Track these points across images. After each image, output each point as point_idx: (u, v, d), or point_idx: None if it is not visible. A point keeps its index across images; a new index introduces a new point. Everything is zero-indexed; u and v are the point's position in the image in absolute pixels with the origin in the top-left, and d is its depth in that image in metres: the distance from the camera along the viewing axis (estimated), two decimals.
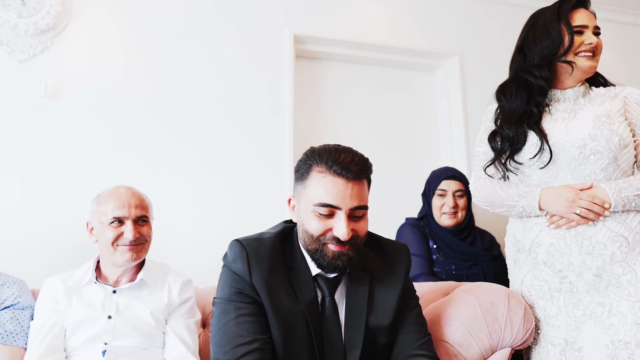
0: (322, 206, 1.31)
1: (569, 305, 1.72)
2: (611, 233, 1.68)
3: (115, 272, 1.78)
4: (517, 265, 1.88)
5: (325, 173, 1.32)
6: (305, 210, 1.35)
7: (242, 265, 1.36)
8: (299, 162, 1.41)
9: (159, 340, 1.75)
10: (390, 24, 3.00)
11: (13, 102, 2.34)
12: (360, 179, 1.34)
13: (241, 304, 1.34)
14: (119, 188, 1.83)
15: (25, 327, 1.72)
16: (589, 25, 1.79)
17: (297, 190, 1.40)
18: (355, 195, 1.32)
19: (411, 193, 2.94)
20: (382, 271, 1.47)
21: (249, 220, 2.51)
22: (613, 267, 1.67)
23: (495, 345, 1.67)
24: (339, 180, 1.31)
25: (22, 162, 2.30)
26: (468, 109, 3.02)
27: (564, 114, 1.80)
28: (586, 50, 1.78)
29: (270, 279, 1.35)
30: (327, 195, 1.31)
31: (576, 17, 1.80)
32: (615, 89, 1.83)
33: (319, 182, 1.32)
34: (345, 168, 1.31)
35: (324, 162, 1.33)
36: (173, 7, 2.64)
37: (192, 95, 2.58)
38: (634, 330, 1.60)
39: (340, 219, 1.31)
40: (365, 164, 1.35)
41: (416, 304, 1.52)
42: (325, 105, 2.97)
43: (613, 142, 1.70)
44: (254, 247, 1.38)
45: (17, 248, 2.22)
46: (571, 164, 1.74)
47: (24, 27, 2.35)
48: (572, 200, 1.68)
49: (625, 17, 3.50)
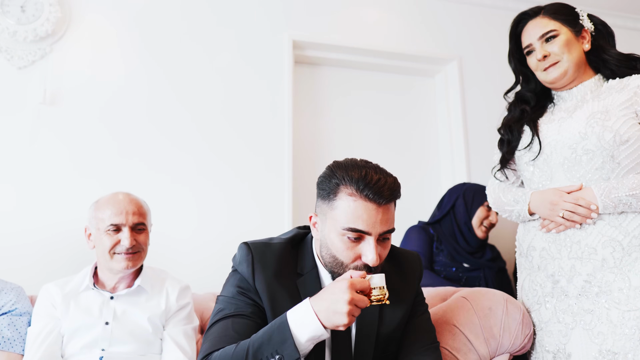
0: (352, 231, 1.27)
1: (560, 311, 1.67)
2: (602, 237, 1.60)
3: (113, 278, 1.78)
4: (519, 270, 1.88)
5: (355, 197, 1.26)
6: (331, 231, 1.31)
7: (246, 268, 1.36)
8: (323, 178, 1.34)
9: (156, 347, 1.75)
10: (389, 30, 3.00)
11: (12, 108, 2.35)
12: (391, 202, 1.30)
13: (241, 304, 1.34)
14: (118, 194, 1.83)
15: (22, 334, 1.71)
16: (533, 41, 1.77)
17: (321, 209, 1.35)
18: (385, 220, 1.28)
19: (411, 197, 2.93)
20: (395, 281, 1.44)
21: (247, 226, 2.51)
22: (604, 274, 1.59)
23: (494, 351, 1.66)
24: (371, 205, 1.26)
25: (20, 168, 2.31)
26: (467, 113, 3.02)
27: (563, 113, 1.75)
28: (542, 68, 1.77)
29: (274, 284, 1.34)
30: (357, 221, 1.26)
31: (524, 37, 1.81)
32: (629, 78, 1.69)
33: (349, 206, 1.27)
34: (377, 193, 1.25)
35: (354, 184, 1.27)
36: (172, 12, 2.65)
37: (191, 101, 2.58)
38: (622, 340, 1.51)
39: (369, 244, 1.27)
40: (397, 187, 1.31)
41: (425, 311, 1.51)
42: (324, 110, 2.97)
43: (606, 139, 1.60)
44: (261, 251, 1.38)
45: (15, 254, 2.22)
46: (564, 165, 1.68)
47: (23, 33, 2.36)
48: (555, 204, 1.64)
49: (624, 21, 3.50)
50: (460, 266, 2.37)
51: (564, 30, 1.74)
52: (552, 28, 1.74)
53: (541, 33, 1.75)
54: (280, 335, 1.18)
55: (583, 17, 1.77)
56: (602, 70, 1.77)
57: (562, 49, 1.72)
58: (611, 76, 1.75)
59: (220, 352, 1.23)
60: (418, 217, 2.74)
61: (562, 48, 1.72)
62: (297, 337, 1.17)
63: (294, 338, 1.16)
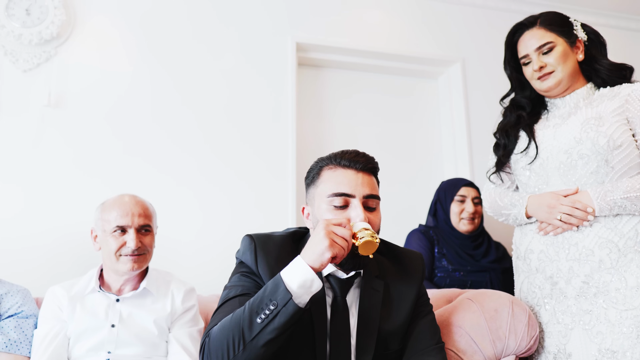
0: (336, 196, 1.35)
1: (559, 312, 1.71)
2: (599, 239, 1.65)
3: (118, 280, 1.79)
4: (517, 272, 1.91)
5: (334, 168, 1.39)
6: (320, 207, 1.38)
7: (250, 255, 1.39)
8: (309, 171, 1.46)
9: (162, 349, 1.75)
10: (392, 31, 3.01)
11: (17, 110, 2.35)
12: (369, 170, 1.39)
13: (247, 284, 1.37)
14: (124, 196, 1.84)
15: (29, 336, 1.72)
16: (530, 52, 1.80)
17: (310, 195, 1.44)
18: (366, 183, 1.37)
19: (413, 199, 2.94)
20: (397, 279, 1.47)
21: (251, 228, 2.50)
22: (601, 274, 1.63)
23: (500, 353, 1.66)
24: (349, 171, 1.37)
25: (25, 170, 2.31)
26: (470, 115, 3.02)
27: (558, 120, 1.80)
28: (537, 77, 1.81)
29: (276, 268, 1.35)
30: (339, 186, 1.35)
31: (520, 47, 1.84)
32: (620, 87, 1.75)
33: (330, 177, 1.38)
34: (352, 160, 1.37)
35: (331, 160, 1.40)
36: (176, 15, 2.66)
37: (195, 103, 2.59)
38: (621, 339, 1.56)
39: (355, 206, 1.34)
40: (372, 159, 1.41)
41: (429, 311, 1.51)
42: (327, 112, 2.97)
43: (600, 144, 1.65)
44: (263, 241, 1.42)
45: (21, 256, 2.22)
46: (560, 170, 1.73)
47: (28, 36, 2.37)
48: (552, 207, 1.68)
49: (625, 22, 3.51)
50: (464, 269, 2.35)
51: (560, 42, 1.78)
52: (548, 40, 1.78)
53: (538, 45, 1.78)
54: (272, 286, 1.21)
55: (577, 28, 1.82)
56: (593, 79, 1.83)
57: (558, 61, 1.77)
58: (602, 85, 1.81)
59: (220, 323, 1.25)
60: (422, 219, 2.74)
61: (559, 59, 1.77)
62: (289, 285, 1.20)
63: (285, 285, 1.19)
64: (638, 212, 1.64)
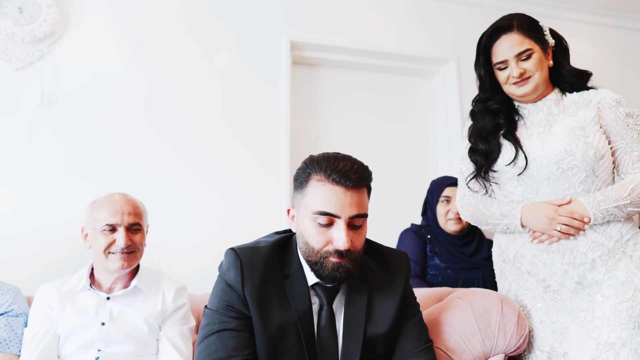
0: (321, 214, 1.29)
1: (554, 312, 1.74)
2: (592, 243, 1.70)
3: (109, 278, 1.79)
4: (503, 275, 1.91)
5: (324, 181, 1.30)
6: (304, 219, 1.33)
7: (235, 274, 1.35)
8: (298, 171, 1.39)
9: (152, 347, 1.75)
10: (387, 30, 3.01)
11: (9, 109, 2.35)
12: (360, 187, 1.32)
13: (227, 318, 1.33)
14: (114, 195, 1.84)
15: (19, 334, 1.72)
16: (509, 58, 1.78)
17: (296, 199, 1.39)
18: (354, 203, 1.30)
19: (408, 198, 2.94)
20: (382, 280, 1.46)
21: (244, 226, 2.51)
22: (594, 274, 1.69)
23: (489, 351, 1.66)
24: (338, 188, 1.29)
25: (18, 169, 2.31)
26: (465, 114, 2.97)
27: (539, 127, 1.80)
28: (514, 82, 1.79)
29: (263, 290, 1.34)
30: (326, 204, 1.29)
31: (497, 52, 1.81)
32: (589, 94, 1.79)
33: (318, 191, 1.31)
34: (344, 176, 1.29)
35: (322, 171, 1.31)
36: (170, 14, 2.65)
37: (188, 102, 2.59)
38: (617, 330, 1.60)
39: (339, 227, 1.29)
40: (364, 172, 1.34)
41: (416, 311, 1.50)
42: (322, 111, 2.97)
43: (589, 156, 1.69)
44: (249, 256, 1.37)
45: (13, 255, 2.22)
46: (550, 180, 1.75)
47: (21, 35, 2.37)
48: (551, 218, 1.70)
49: (624, 21, 3.50)
50: (456, 267, 2.35)
51: (537, 48, 1.79)
52: (527, 47, 1.77)
53: (517, 52, 1.77)
54: None
55: (547, 33, 1.82)
56: (560, 84, 1.85)
57: (536, 67, 1.77)
58: (568, 90, 1.83)
59: None
60: (416, 218, 2.73)
61: (536, 66, 1.77)
62: None
63: None
64: (624, 218, 1.72)
